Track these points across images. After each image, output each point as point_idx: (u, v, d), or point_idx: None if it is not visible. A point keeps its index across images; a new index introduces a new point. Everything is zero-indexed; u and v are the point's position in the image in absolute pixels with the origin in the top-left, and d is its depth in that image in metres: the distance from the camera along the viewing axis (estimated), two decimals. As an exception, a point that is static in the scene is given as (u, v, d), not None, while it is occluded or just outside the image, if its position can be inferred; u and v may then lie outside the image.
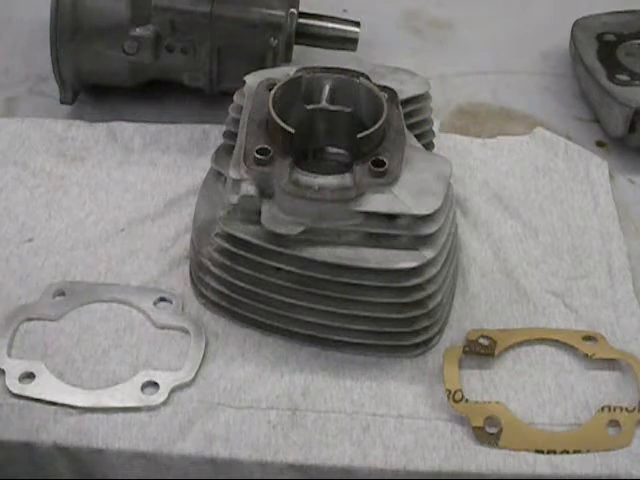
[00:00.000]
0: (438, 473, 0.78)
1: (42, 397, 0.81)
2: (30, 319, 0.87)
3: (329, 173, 0.82)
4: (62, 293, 0.90)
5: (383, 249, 0.81)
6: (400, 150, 0.83)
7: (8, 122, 1.08)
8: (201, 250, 0.88)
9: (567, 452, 0.79)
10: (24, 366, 0.83)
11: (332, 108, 0.89)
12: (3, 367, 0.83)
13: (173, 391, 0.82)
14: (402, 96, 0.90)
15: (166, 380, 0.83)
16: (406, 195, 0.80)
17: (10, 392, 0.81)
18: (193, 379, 0.83)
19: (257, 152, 0.81)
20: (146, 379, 0.83)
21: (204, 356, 0.85)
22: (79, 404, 0.81)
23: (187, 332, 0.87)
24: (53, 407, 0.80)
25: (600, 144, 1.11)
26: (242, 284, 0.85)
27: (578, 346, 0.87)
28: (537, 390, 0.84)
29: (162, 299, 0.90)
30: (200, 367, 0.84)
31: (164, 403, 0.81)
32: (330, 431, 0.81)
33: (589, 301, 0.92)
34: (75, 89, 1.08)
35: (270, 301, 0.84)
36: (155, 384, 0.83)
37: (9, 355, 0.84)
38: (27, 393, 0.81)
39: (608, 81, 1.09)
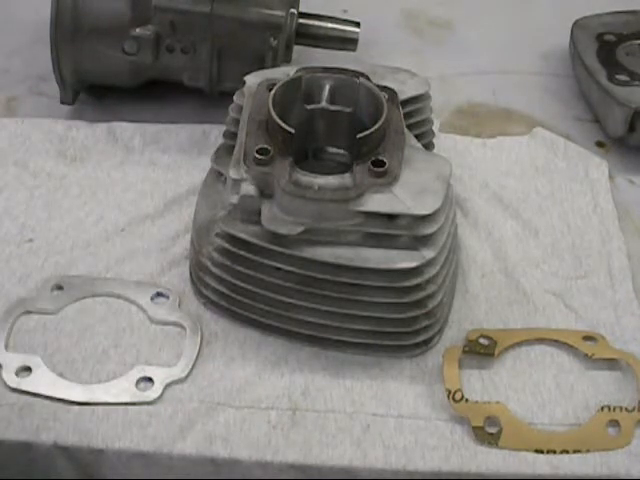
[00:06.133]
0: (438, 473, 0.78)
1: (38, 391, 0.81)
2: (28, 312, 0.88)
3: (329, 173, 0.82)
4: (60, 287, 0.90)
5: (383, 249, 0.81)
6: (400, 150, 0.83)
7: (8, 122, 1.07)
8: (201, 250, 0.88)
9: (567, 452, 0.79)
10: (21, 360, 0.83)
11: (332, 108, 0.89)
12: (0, 360, 0.83)
13: (167, 387, 0.82)
14: (402, 96, 0.90)
15: (161, 376, 0.83)
16: (406, 195, 0.80)
17: (7, 386, 0.81)
18: (187, 375, 0.83)
19: (257, 152, 0.81)
20: (141, 374, 0.83)
21: (203, 355, 0.85)
22: (74, 399, 0.81)
23: (183, 328, 0.87)
24: (53, 407, 0.80)
25: (600, 144, 1.11)
26: (242, 284, 0.85)
27: (578, 346, 0.87)
28: (537, 390, 0.84)
29: (159, 294, 0.90)
30: (195, 363, 0.84)
31: (158, 399, 0.81)
32: (330, 431, 0.81)
33: (589, 301, 0.92)
34: (75, 89, 1.08)
35: (270, 301, 0.84)
36: (150, 379, 0.83)
37: (6, 348, 0.84)
38: (23, 387, 0.81)
39: (608, 81, 1.09)
